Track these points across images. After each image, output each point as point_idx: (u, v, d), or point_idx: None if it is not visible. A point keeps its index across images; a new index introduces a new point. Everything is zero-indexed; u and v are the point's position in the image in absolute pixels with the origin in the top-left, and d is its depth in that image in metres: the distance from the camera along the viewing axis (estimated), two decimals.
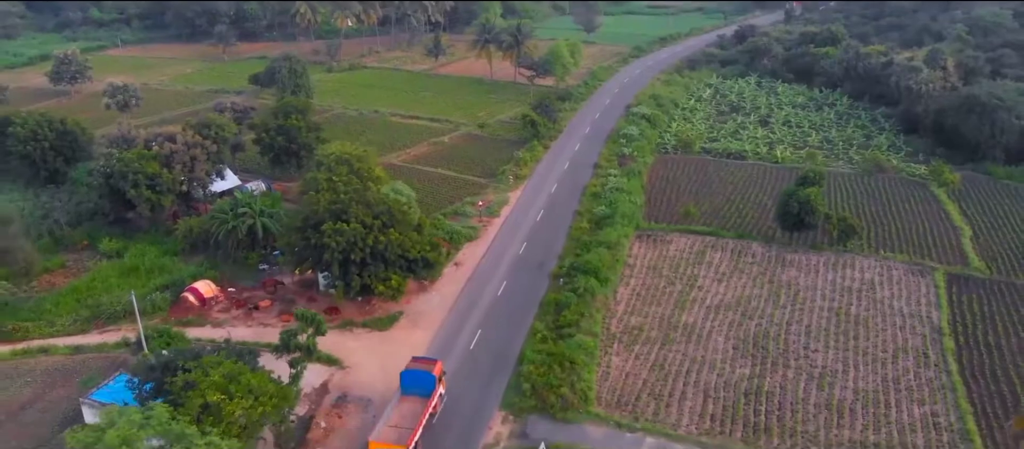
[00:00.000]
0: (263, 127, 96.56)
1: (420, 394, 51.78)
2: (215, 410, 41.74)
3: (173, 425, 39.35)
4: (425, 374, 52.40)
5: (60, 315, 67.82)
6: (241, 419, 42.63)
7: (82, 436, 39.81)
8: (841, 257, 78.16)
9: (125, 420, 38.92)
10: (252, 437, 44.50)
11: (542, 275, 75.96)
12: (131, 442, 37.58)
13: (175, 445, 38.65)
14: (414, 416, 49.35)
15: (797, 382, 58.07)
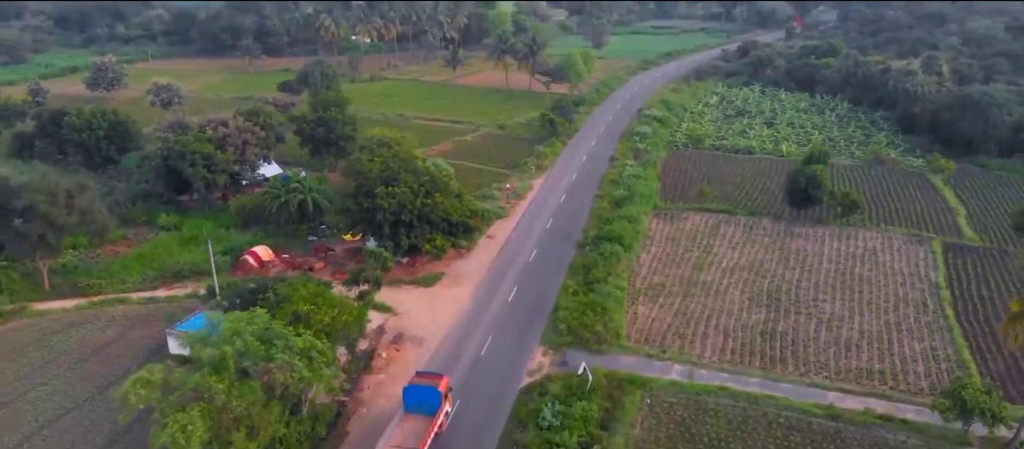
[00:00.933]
0: (303, 119, 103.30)
1: (425, 412, 47.42)
2: (305, 317, 47.94)
3: (273, 324, 45.54)
4: (430, 390, 47.99)
5: (129, 275, 74.11)
6: (327, 328, 48.76)
7: (194, 335, 45.99)
8: (845, 230, 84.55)
9: (232, 316, 45.09)
10: (336, 343, 50.55)
11: (569, 245, 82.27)
12: (240, 332, 43.71)
13: (276, 341, 44.74)
14: (418, 436, 45.09)
15: (808, 325, 64.19)
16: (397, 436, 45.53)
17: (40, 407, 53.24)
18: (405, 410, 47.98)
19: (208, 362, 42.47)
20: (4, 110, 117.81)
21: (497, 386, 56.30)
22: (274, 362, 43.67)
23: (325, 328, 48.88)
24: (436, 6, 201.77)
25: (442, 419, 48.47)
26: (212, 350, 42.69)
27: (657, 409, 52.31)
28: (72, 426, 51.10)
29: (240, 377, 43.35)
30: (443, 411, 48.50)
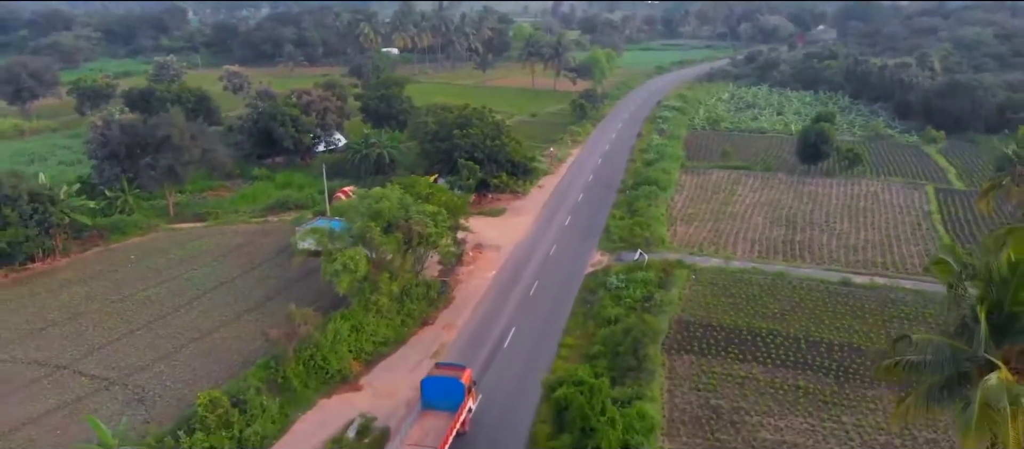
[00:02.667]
0: (368, 96, 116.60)
1: (446, 408, 42.19)
2: (427, 197, 60.58)
3: (405, 197, 58.26)
4: (452, 382, 42.79)
5: (239, 208, 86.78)
6: (444, 206, 61.47)
7: (341, 206, 58.62)
8: (850, 180, 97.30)
9: (375, 191, 57.78)
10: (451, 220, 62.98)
11: (611, 190, 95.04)
12: (387, 195, 56.38)
13: (410, 207, 57.38)
14: (438, 433, 40.07)
15: (821, 237, 76.74)
16: (414, 434, 40.20)
17: (197, 282, 65.62)
18: (423, 406, 42.63)
19: (366, 212, 55.08)
20: (92, 91, 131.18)
21: (567, 273, 68.79)
22: (412, 219, 56.31)
23: (442, 205, 61.49)
24: (463, 18, 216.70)
25: (465, 416, 42.71)
26: (371, 203, 55.35)
27: (701, 281, 64.72)
28: (227, 294, 63.41)
29: (385, 231, 55.91)
30: (466, 407, 42.67)
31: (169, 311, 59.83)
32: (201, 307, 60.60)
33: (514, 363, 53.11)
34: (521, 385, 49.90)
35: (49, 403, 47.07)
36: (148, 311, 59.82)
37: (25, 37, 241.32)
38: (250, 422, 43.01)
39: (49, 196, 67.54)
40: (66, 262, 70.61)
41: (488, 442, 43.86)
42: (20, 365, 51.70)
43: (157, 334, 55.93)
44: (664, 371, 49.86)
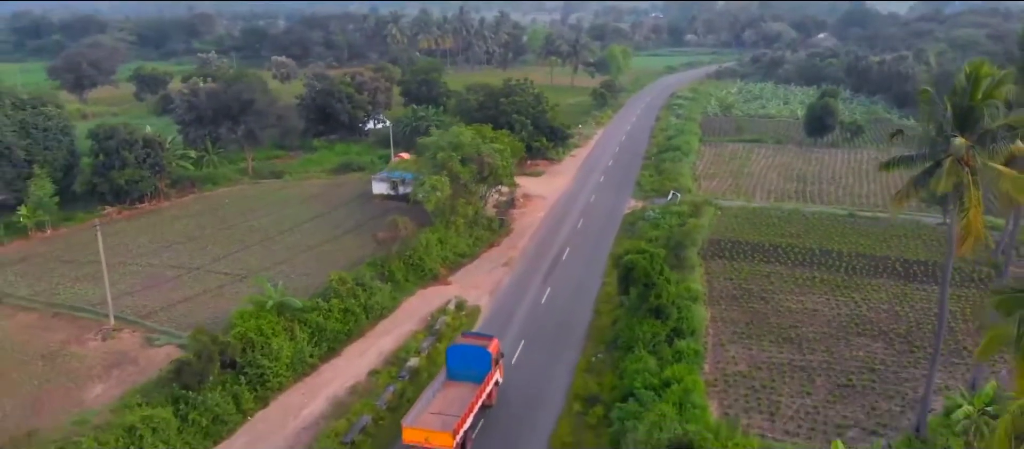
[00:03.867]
0: (409, 81, 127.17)
1: (471, 379, 39.98)
2: (491, 139, 70.87)
3: (477, 136, 68.54)
4: (478, 351, 40.63)
5: (306, 171, 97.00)
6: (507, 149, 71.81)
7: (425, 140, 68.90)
8: (853, 150, 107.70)
9: (454, 129, 68.03)
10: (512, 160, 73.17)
11: (637, 158, 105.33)
12: (461, 133, 66.64)
13: (481, 145, 67.64)
14: (462, 402, 37.91)
15: (829, 187, 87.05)
16: (438, 402, 38.38)
17: (292, 217, 75.73)
18: (447, 376, 40.67)
19: (447, 144, 65.37)
20: (152, 78, 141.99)
21: (608, 213, 78.98)
22: (483, 152, 66.61)
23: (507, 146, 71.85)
24: (482, 22, 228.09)
25: (491, 388, 40.92)
26: (451, 137, 65.70)
27: (727, 214, 74.91)
28: (319, 225, 73.43)
29: (461, 163, 66.17)
30: (492, 379, 40.79)
31: (274, 235, 69.96)
32: (300, 232, 70.71)
33: (572, 269, 63.21)
34: (581, 282, 60.09)
35: (196, 289, 57.10)
36: (256, 235, 69.97)
37: (59, 41, 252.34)
38: (370, 297, 53.06)
39: (159, 142, 77.77)
40: (169, 204, 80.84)
41: (563, 316, 53.88)
42: (160, 268, 61.71)
43: (270, 249, 66.02)
44: (702, 269, 59.96)
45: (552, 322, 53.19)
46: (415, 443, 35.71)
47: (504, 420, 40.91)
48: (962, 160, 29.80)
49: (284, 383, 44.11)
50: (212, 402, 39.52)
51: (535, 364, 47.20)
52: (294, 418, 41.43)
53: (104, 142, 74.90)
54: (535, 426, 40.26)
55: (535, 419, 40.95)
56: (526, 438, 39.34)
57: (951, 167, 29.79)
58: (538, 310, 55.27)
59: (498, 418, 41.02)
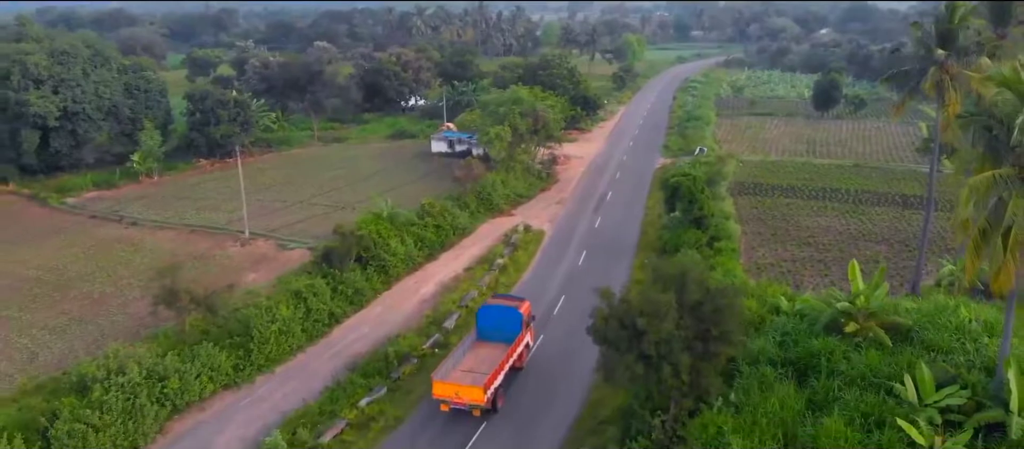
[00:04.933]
0: (445, 63, 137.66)
1: (501, 340, 39.48)
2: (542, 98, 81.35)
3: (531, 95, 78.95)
4: (510, 312, 40.44)
5: (365, 138, 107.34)
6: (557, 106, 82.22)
7: (487, 98, 79.22)
8: (856, 120, 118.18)
9: (514, 87, 78.40)
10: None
11: (660, 129, 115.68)
12: (518, 91, 77.03)
13: (536, 103, 77.98)
14: (492, 361, 37.43)
15: (835, 147, 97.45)
16: (468, 360, 38.25)
17: (364, 169, 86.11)
18: (478, 336, 40.44)
19: (508, 99, 75.79)
20: (204, 61, 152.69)
21: (641, 168, 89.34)
22: (539, 108, 77.04)
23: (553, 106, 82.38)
24: (500, 15, 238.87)
25: (522, 350, 40.57)
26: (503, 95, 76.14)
27: (748, 165, 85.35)
28: (389, 175, 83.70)
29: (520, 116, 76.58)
30: (523, 340, 40.43)
31: (355, 182, 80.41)
32: (375, 181, 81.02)
33: (616, 206, 73.60)
34: (626, 214, 70.53)
35: (304, 215, 67.63)
36: (340, 181, 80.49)
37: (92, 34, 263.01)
38: (454, 219, 63.47)
39: (247, 103, 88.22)
40: (252, 160, 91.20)
41: (615, 235, 64.23)
42: (268, 202, 72.05)
43: (353, 191, 76.41)
44: (731, 201, 70.40)
45: (606, 239, 63.57)
46: (445, 397, 35.76)
47: (569, 323, 49.30)
48: (943, 67, 40.17)
49: (400, 273, 54.52)
50: (353, 279, 49.90)
51: (596, 267, 57.45)
52: (413, 295, 51.93)
53: (200, 102, 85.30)
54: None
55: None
56: (589, 352, 49.52)
57: (934, 72, 40.25)
58: (593, 232, 65.68)
59: (561, 329, 47.28)
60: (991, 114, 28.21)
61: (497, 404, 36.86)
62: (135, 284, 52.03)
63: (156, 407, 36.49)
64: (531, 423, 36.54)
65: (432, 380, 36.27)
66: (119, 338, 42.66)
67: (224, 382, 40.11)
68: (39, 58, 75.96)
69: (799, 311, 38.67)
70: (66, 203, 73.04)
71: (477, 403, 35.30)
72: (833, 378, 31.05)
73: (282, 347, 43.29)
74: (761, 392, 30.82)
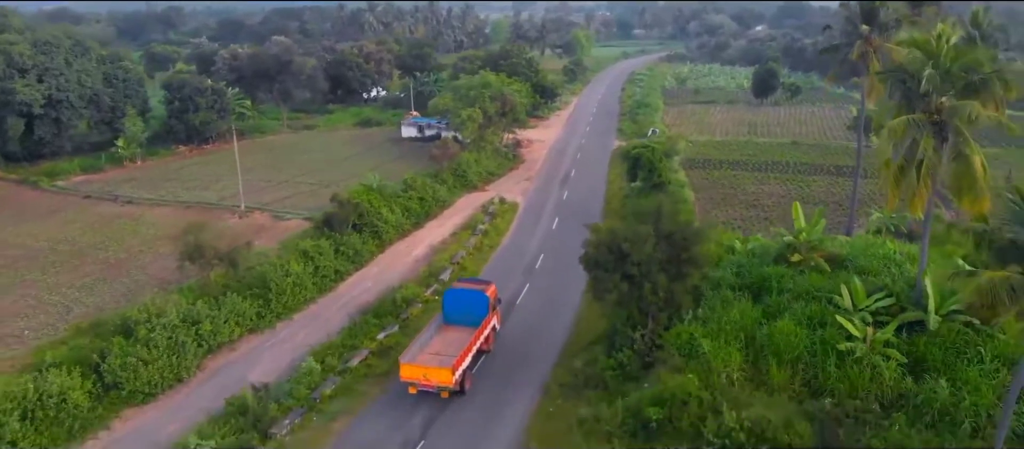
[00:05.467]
0: (405, 55, 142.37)
1: (468, 323, 39.90)
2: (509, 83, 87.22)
3: (498, 80, 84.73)
4: (476, 295, 40.90)
5: (333, 125, 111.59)
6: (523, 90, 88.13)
7: (458, 82, 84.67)
8: (793, 106, 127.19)
9: (483, 73, 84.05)
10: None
11: (613, 116, 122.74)
12: (486, 77, 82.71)
13: (503, 86, 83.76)
14: (460, 344, 37.88)
15: (774, 129, 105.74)
16: (435, 344, 38.69)
17: (338, 153, 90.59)
18: (444, 319, 40.81)
19: (478, 84, 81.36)
20: (163, 57, 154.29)
21: (599, 148, 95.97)
22: (506, 90, 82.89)
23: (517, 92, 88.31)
24: (450, 12, 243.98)
25: (488, 333, 41.14)
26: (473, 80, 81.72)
27: (696, 144, 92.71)
28: (362, 158, 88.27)
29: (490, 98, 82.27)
30: (489, 323, 41.06)
31: (332, 164, 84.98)
32: (350, 163, 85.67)
33: (580, 181, 79.85)
34: (590, 187, 76.80)
35: (291, 192, 72.16)
36: (319, 163, 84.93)
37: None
38: (435, 192, 68.85)
39: (224, 90, 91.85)
40: (228, 147, 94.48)
41: (582, 205, 70.41)
42: (254, 181, 76.01)
43: (332, 172, 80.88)
44: (683, 173, 77.35)
45: (575, 208, 69.61)
46: (413, 379, 36.00)
47: (551, 274, 55.93)
48: (867, 40, 47.40)
49: (392, 238, 59.70)
50: (352, 241, 54.95)
51: (569, 230, 62.81)
52: (407, 256, 57.29)
53: (179, 91, 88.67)
54: (572, 274, 56.22)
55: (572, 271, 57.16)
56: (573, 283, 55.47)
57: (860, 45, 47.48)
58: (562, 203, 71.80)
59: (544, 278, 55.59)
60: (905, 70, 35.04)
61: (465, 386, 37.06)
62: (146, 251, 56.19)
63: (194, 345, 41.13)
64: (528, 347, 42.35)
65: (400, 363, 36.38)
66: (146, 293, 47.03)
67: (249, 327, 44.84)
68: (23, 47, 78.52)
69: (751, 250, 45.49)
70: (57, 186, 75.93)
71: (445, 385, 35.51)
72: (782, 295, 37.66)
73: (297, 298, 48.19)
74: (723, 308, 37.25)
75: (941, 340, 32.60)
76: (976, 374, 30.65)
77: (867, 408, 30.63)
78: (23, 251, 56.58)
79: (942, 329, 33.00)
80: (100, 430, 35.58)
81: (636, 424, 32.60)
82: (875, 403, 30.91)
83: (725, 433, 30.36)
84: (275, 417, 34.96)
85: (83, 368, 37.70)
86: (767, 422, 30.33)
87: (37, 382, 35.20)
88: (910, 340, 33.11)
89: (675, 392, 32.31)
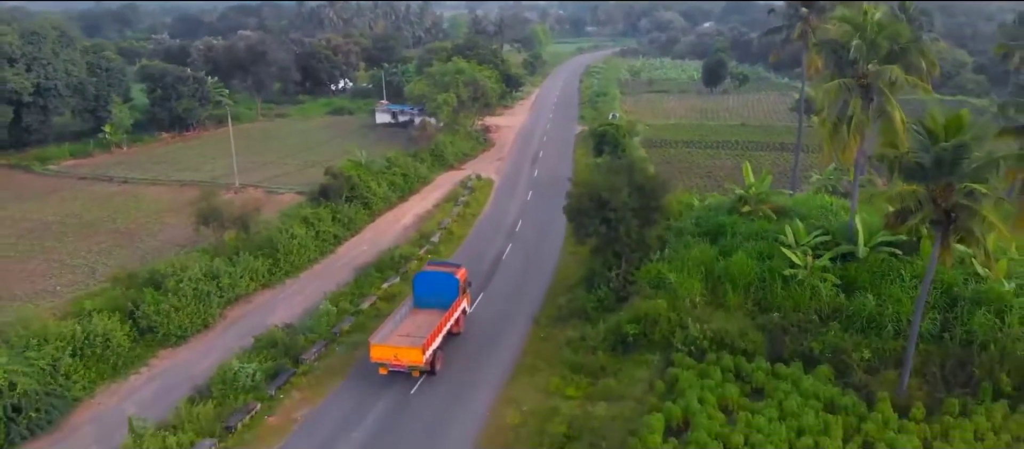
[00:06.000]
0: (371, 48, 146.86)
1: (438, 306, 40.22)
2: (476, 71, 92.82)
3: (470, 67, 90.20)
4: (446, 278, 41.26)
5: (306, 114, 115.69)
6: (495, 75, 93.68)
7: (432, 69, 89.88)
8: (740, 95, 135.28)
9: (456, 60, 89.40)
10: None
11: (573, 106, 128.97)
12: (458, 63, 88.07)
13: (475, 74, 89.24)
14: (430, 326, 38.17)
15: (724, 114, 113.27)
16: (406, 326, 39.08)
17: (316, 138, 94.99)
18: (415, 303, 41.18)
19: (451, 70, 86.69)
20: (129, 50, 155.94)
21: (563, 133, 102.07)
22: (478, 78, 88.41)
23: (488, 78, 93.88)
24: (408, 9, 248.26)
25: (459, 315, 41.52)
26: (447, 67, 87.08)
27: (653, 127, 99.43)
28: (341, 142, 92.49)
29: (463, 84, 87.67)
30: (459, 306, 41.38)
31: (311, 147, 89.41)
32: (329, 147, 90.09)
33: (548, 161, 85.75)
34: (557, 166, 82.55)
35: (279, 172, 76.59)
36: (299, 147, 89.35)
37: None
38: (416, 170, 74.05)
39: (204, 79, 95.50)
40: (207, 134, 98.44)
41: (552, 180, 76.19)
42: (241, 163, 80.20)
43: (314, 154, 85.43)
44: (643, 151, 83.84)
45: (546, 182, 75.44)
46: (384, 360, 36.40)
47: (530, 236, 61.28)
48: (806, 20, 54.21)
49: (380, 209, 64.86)
50: (346, 210, 59.93)
51: (542, 201, 69.18)
52: (396, 223, 62.58)
53: (160, 80, 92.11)
54: (549, 236, 61.58)
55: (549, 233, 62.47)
56: (550, 242, 60.93)
57: (800, 25, 54.27)
58: (533, 179, 77.63)
59: (524, 239, 61.27)
60: (837, 42, 41.62)
61: (435, 366, 37.45)
62: (153, 222, 60.45)
63: (217, 296, 45.80)
64: (517, 292, 48.04)
65: (370, 344, 36.57)
66: (161, 256, 51.39)
67: (262, 282, 49.61)
68: (12, 38, 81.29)
69: (707, 205, 51.93)
70: (49, 169, 79.06)
71: (416, 364, 35.89)
72: (735, 237, 43.99)
73: (301, 258, 53.07)
74: (685, 249, 43.45)
75: (869, 266, 39.20)
76: (898, 290, 37.21)
77: (808, 319, 37.11)
78: (35, 224, 60.20)
79: (870, 258, 39.60)
80: (141, 367, 40.08)
81: (616, 339, 38.58)
82: (814, 315, 37.38)
83: (691, 341, 36.53)
84: (304, 346, 40.03)
85: (120, 315, 42.13)
86: (725, 332, 36.62)
87: (83, 324, 39.59)
88: (843, 267, 39.66)
89: (648, 312, 38.34)
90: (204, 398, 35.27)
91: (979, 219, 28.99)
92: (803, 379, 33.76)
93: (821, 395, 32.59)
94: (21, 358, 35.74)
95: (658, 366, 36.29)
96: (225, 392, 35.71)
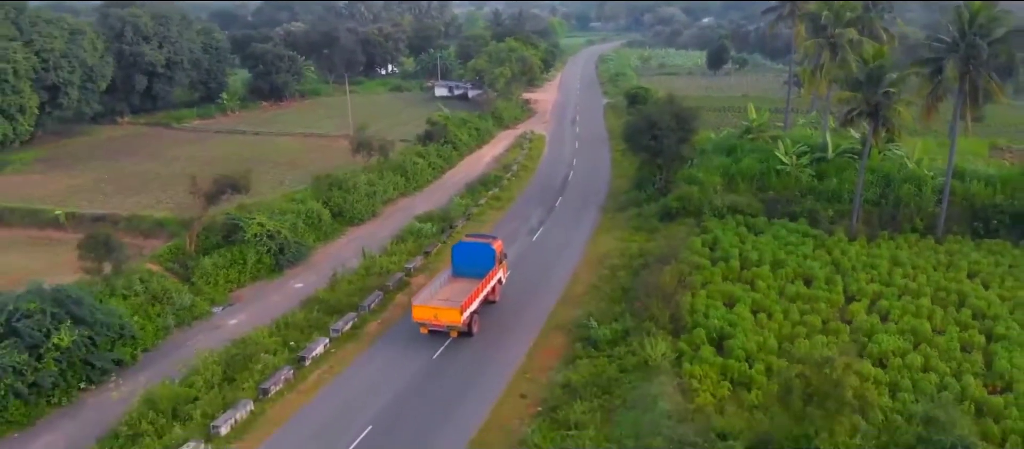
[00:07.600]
0: (412, 35, 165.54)
1: (475, 275, 41.88)
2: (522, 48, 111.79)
3: (520, 46, 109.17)
4: (483, 248, 43.16)
5: (371, 91, 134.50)
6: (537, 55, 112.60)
7: (489, 47, 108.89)
8: (741, 76, 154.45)
9: (508, 39, 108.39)
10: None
11: (596, 82, 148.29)
12: (511, 43, 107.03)
13: (519, 50, 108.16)
14: (467, 291, 39.79)
15: (727, 91, 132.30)
16: (445, 292, 41.12)
17: (394, 107, 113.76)
18: (453, 273, 43.35)
19: (505, 47, 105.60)
20: None
21: (593, 103, 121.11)
22: (527, 54, 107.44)
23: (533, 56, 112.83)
24: (430, 5, 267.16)
25: (495, 284, 43.53)
26: (501, 46, 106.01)
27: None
28: (414, 110, 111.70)
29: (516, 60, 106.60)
30: (495, 275, 43.14)
31: (391, 113, 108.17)
32: (407, 112, 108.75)
33: (586, 122, 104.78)
34: (593, 125, 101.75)
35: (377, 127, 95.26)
36: (380, 114, 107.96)
37: None
38: (485, 126, 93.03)
39: (297, 58, 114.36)
40: (296, 104, 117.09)
41: (592, 135, 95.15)
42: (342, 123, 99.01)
43: (396, 118, 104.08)
44: None
45: (588, 137, 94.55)
46: (424, 320, 38.80)
47: (585, 167, 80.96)
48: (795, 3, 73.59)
49: (464, 152, 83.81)
50: (444, 150, 78.95)
51: (588, 148, 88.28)
52: (479, 162, 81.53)
53: (261, 58, 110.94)
54: (599, 168, 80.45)
55: (599, 166, 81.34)
56: (601, 173, 79.47)
57: (791, 7, 73.58)
58: (576, 135, 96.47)
59: (580, 169, 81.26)
60: (815, 13, 61.09)
61: (473, 328, 39.97)
62: (302, 156, 79.18)
63: (378, 196, 64.70)
64: (583, 197, 67.14)
65: (412, 304, 39.35)
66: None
67: (400, 191, 68.57)
68: (146, 19, 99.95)
69: (723, 136, 71.26)
70: (186, 126, 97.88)
71: (454, 324, 38.24)
72: (743, 153, 63.22)
73: (421, 179, 72.21)
74: (708, 159, 62.76)
75: (834, 164, 58.58)
76: (852, 175, 56.31)
77: (792, 195, 56.33)
78: (216, 157, 78.21)
79: (835, 159, 58.92)
80: (340, 236, 58.88)
81: (663, 212, 57.69)
82: (797, 192, 56.60)
83: (715, 210, 55.63)
84: (451, 218, 59.22)
85: (321, 201, 60.82)
86: (738, 202, 55.78)
87: (303, 205, 58.46)
88: (817, 165, 58.92)
89: (685, 195, 57.45)
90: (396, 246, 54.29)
91: (895, 112, 48.03)
92: (788, 225, 53.01)
93: (800, 231, 51.83)
94: (277, 219, 54.67)
95: (693, 226, 55.48)
96: (416, 238, 54.97)
